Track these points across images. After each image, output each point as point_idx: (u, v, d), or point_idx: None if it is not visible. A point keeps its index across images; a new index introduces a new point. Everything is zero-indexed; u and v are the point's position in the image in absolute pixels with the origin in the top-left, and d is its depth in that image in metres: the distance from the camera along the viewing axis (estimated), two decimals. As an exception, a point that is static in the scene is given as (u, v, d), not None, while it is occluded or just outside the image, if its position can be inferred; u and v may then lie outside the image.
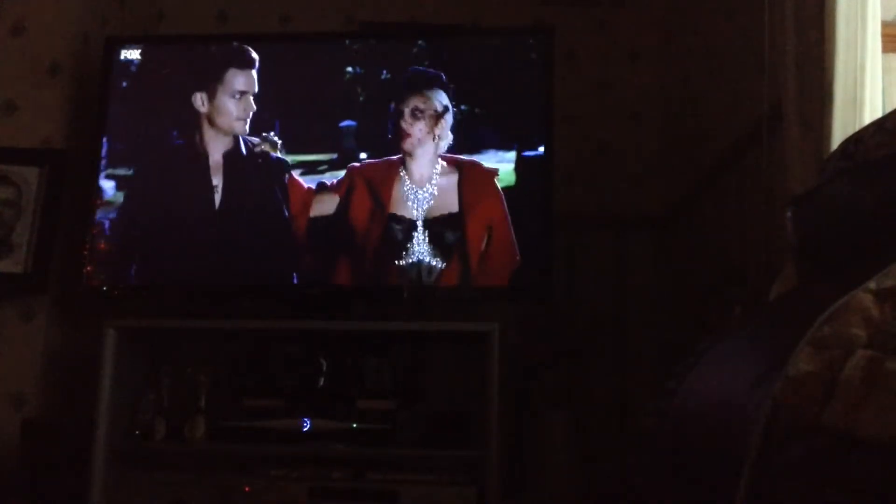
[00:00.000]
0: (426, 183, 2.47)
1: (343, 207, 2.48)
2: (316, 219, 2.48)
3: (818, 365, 0.77)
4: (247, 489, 2.22)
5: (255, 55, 2.59)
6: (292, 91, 2.60)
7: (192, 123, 2.58)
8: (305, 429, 2.32)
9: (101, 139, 2.59)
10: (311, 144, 2.55)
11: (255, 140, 2.55)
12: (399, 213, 2.46)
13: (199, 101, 2.57)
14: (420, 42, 2.63)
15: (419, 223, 2.44)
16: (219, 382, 2.46)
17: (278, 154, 2.53)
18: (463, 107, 2.50)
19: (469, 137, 2.49)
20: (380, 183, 2.49)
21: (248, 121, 2.56)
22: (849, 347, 0.76)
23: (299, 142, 2.56)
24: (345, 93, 2.59)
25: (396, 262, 2.43)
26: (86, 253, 2.50)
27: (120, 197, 2.57)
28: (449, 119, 2.49)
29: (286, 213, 2.50)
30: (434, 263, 2.41)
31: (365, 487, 2.21)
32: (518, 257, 2.40)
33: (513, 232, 2.41)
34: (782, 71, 1.79)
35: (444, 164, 2.48)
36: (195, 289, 2.55)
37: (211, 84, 2.58)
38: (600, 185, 3.03)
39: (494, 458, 2.17)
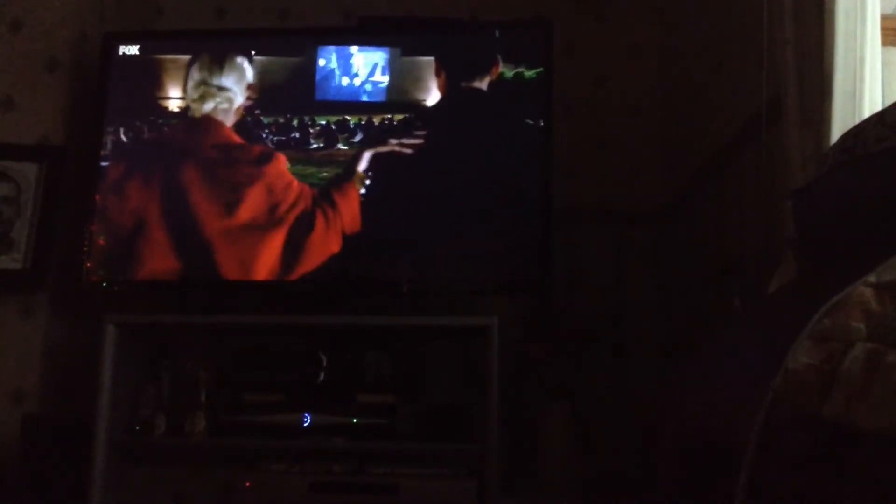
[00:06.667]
0: None
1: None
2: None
3: (818, 357, 0.77)
4: (248, 484, 2.22)
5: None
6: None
7: (191, 119, 2.58)
8: (306, 423, 2.32)
9: (100, 135, 2.58)
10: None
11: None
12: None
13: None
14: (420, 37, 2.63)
15: None
16: (219, 377, 2.46)
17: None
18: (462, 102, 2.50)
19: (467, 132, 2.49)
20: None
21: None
22: (849, 340, 0.76)
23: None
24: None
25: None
26: (85, 249, 2.50)
27: (119, 193, 2.56)
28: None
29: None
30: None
31: (365, 481, 2.21)
32: (518, 251, 2.40)
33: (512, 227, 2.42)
34: (782, 64, 1.78)
35: None
36: (195, 284, 2.55)
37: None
38: (600, 178, 3.03)
39: (494, 451, 2.18)
